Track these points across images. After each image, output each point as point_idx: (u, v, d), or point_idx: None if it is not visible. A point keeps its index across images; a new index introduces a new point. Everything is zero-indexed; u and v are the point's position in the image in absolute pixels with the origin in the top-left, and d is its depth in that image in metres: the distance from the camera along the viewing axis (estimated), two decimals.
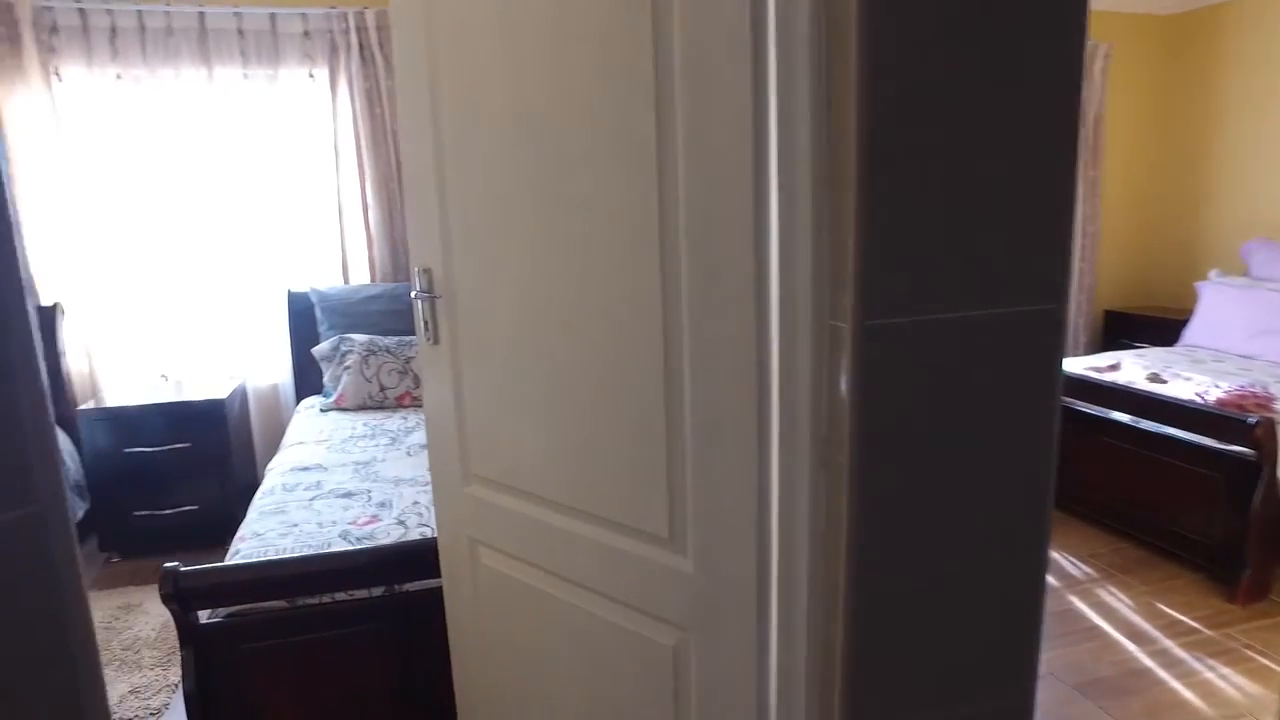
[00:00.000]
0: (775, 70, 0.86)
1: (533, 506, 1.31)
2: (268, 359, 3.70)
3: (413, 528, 1.99)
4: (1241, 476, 2.56)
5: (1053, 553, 2.77)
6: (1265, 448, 2.48)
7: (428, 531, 1.94)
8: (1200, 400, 2.85)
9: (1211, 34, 4.31)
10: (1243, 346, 3.64)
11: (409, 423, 3.04)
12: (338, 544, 1.91)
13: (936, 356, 0.89)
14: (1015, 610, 1.00)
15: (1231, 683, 2.19)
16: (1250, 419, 2.54)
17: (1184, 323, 4.03)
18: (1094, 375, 3.31)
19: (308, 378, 3.61)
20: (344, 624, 1.74)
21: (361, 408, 3.28)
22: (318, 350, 3.45)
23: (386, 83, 3.53)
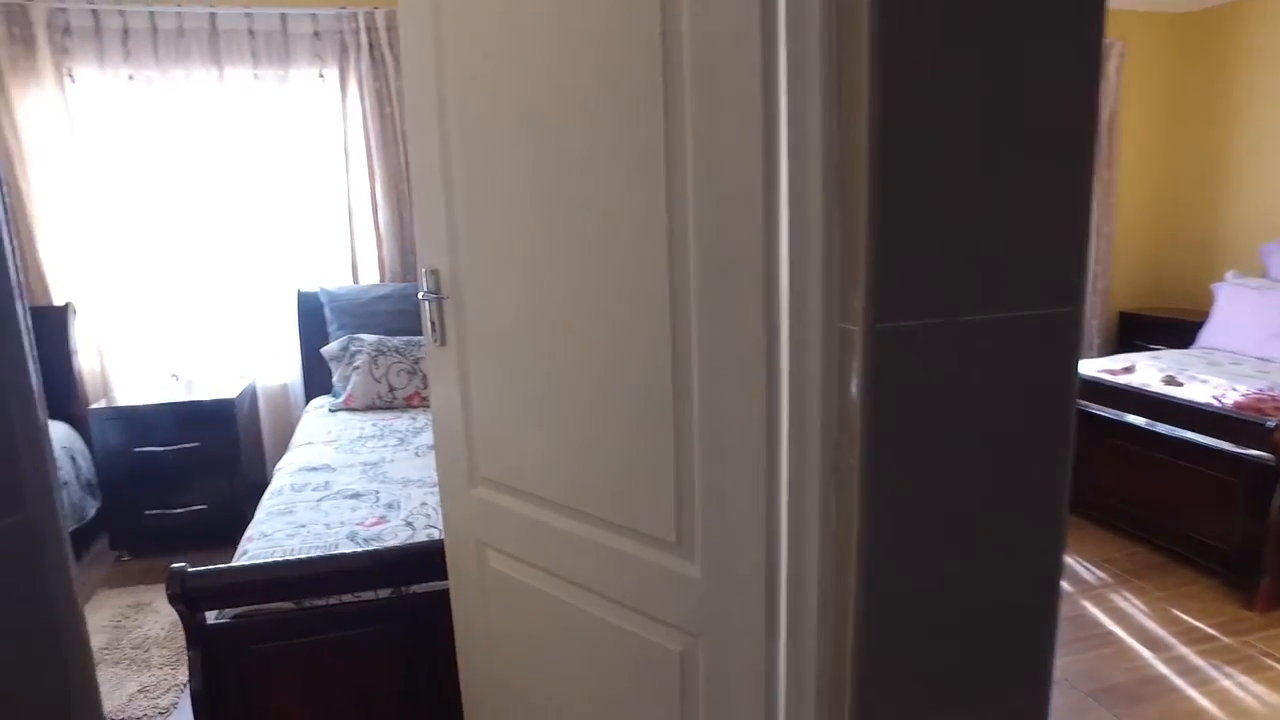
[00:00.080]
0: (785, 69, 0.85)
1: (540, 509, 1.30)
2: (277, 359, 3.72)
3: (420, 529, 1.99)
4: (1260, 481, 2.52)
5: (1066, 557, 2.73)
6: None
7: (435, 533, 1.93)
8: (1217, 403, 2.81)
9: (1228, 31, 4.25)
10: (1261, 349, 3.59)
11: (417, 423, 3.04)
12: (345, 545, 1.91)
13: (949, 359, 0.87)
14: (1029, 615, 0.98)
15: (1249, 691, 2.16)
16: (1269, 422, 2.50)
17: (1200, 325, 3.98)
18: (1109, 378, 3.27)
19: (317, 378, 3.61)
20: (350, 625, 1.74)
21: (370, 408, 3.29)
22: (327, 350, 3.45)
23: (396, 83, 3.53)
